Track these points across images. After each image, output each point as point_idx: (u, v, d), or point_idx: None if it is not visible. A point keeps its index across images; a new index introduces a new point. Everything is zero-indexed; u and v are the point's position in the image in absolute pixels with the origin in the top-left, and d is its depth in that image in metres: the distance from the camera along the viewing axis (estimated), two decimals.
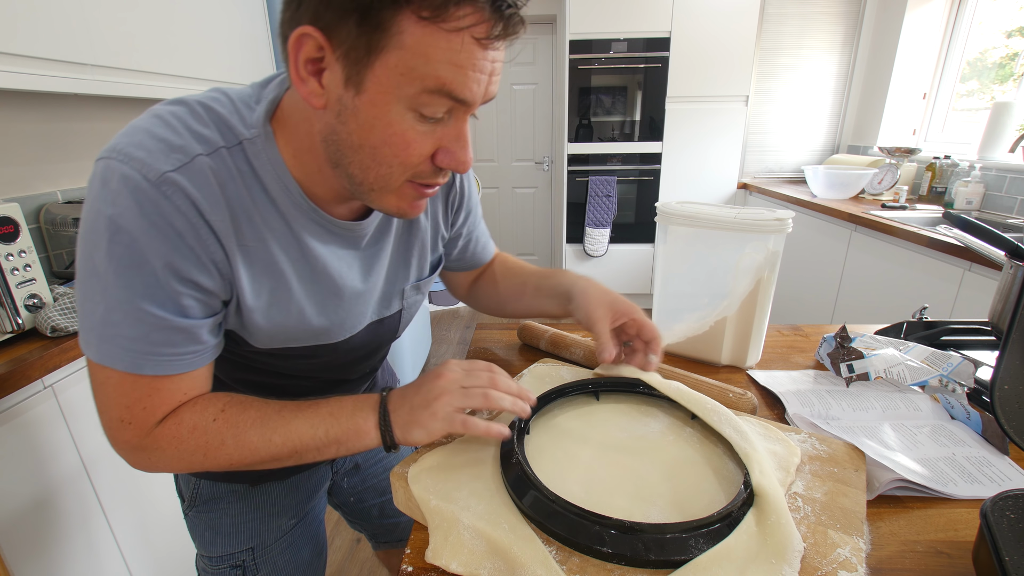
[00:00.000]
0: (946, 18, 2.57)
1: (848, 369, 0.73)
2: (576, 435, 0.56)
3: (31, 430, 0.93)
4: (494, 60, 0.42)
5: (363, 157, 0.44)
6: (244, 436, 0.48)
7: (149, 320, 0.44)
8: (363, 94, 0.41)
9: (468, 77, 0.41)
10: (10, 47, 1.01)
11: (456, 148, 0.46)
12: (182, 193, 0.42)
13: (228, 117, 0.46)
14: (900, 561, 0.44)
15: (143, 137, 0.43)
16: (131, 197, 0.41)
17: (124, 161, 0.41)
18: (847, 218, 2.11)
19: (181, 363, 0.47)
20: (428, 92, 0.41)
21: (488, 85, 0.43)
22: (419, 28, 0.38)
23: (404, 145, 0.43)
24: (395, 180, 0.46)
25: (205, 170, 0.44)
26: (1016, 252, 0.71)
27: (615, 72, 2.94)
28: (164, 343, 0.45)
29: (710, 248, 0.77)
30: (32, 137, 1.33)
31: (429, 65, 0.39)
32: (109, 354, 0.44)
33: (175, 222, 0.42)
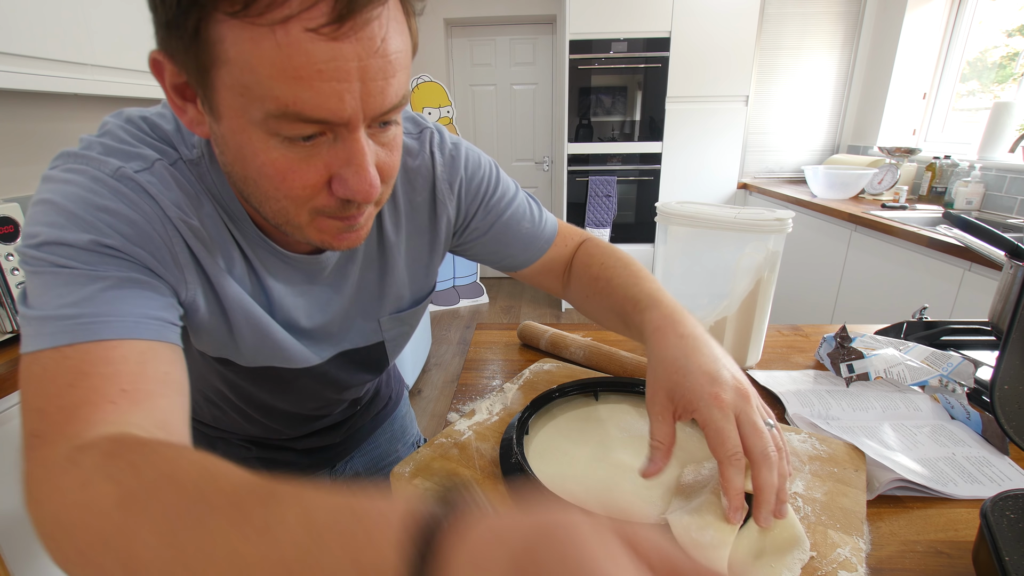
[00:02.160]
0: (946, 18, 2.57)
1: (848, 369, 0.73)
2: (576, 435, 0.56)
3: None
4: (360, 58, 0.31)
5: (253, 190, 0.37)
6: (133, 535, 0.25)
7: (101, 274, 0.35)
8: (222, 121, 0.34)
9: (315, 89, 0.30)
10: (10, 47, 1.01)
11: (348, 174, 0.35)
12: (143, 190, 0.37)
13: (172, 136, 0.42)
14: (900, 561, 0.44)
15: (97, 144, 0.39)
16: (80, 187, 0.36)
17: (78, 161, 0.37)
18: (847, 218, 2.11)
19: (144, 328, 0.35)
20: (274, 116, 0.32)
21: (365, 93, 0.32)
22: (234, 31, 0.29)
23: (280, 177, 0.35)
24: (296, 215, 0.38)
25: (165, 174, 0.39)
26: (1016, 252, 0.71)
27: (615, 72, 2.94)
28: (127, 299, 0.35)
29: (710, 248, 0.77)
30: (32, 137, 1.33)
31: (260, 83, 0.30)
32: (47, 331, 0.33)
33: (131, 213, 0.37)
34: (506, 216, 0.60)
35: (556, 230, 0.65)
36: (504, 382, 0.71)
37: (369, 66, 0.32)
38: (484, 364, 0.82)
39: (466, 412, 0.62)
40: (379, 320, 0.58)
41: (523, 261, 0.64)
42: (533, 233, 0.62)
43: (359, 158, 0.35)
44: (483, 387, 0.74)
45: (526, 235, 0.62)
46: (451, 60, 3.63)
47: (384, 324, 0.59)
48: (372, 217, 0.43)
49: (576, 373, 0.71)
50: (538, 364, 0.74)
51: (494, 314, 3.52)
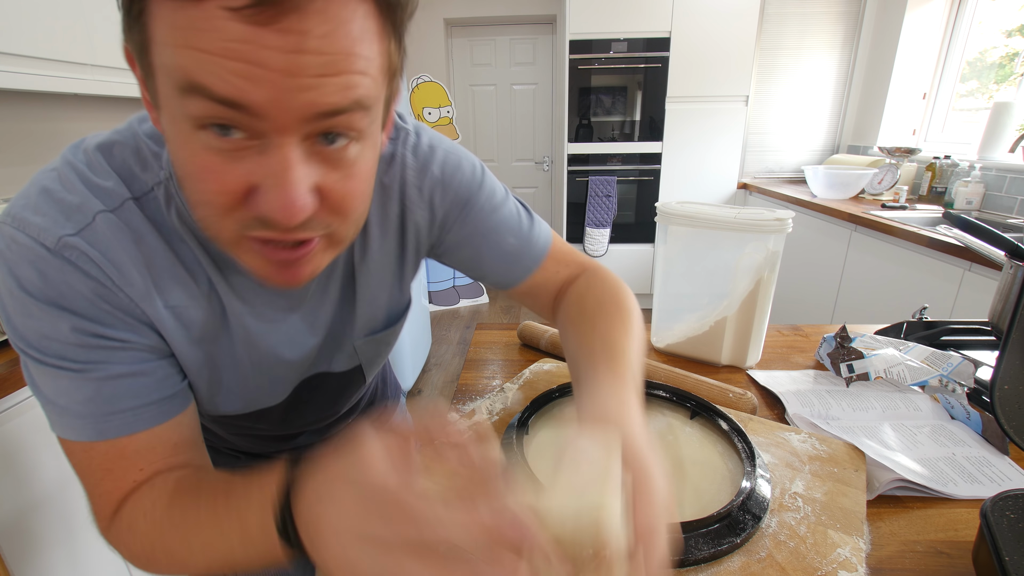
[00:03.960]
0: (946, 18, 2.57)
1: (848, 369, 0.73)
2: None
3: (32, 430, 0.93)
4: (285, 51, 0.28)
5: (187, 192, 0.35)
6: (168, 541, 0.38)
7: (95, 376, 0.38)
8: (163, 111, 0.32)
9: (222, 66, 0.28)
10: (10, 47, 1.01)
11: (268, 187, 0.31)
12: (86, 258, 0.37)
13: (130, 161, 0.40)
14: (900, 561, 0.44)
15: (38, 198, 0.37)
16: (31, 267, 0.36)
17: (18, 227, 0.36)
18: (847, 218, 2.11)
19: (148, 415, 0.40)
20: (181, 91, 0.29)
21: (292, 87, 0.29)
22: (162, 8, 0.28)
23: (199, 175, 0.32)
24: (220, 228, 0.34)
25: (109, 230, 0.38)
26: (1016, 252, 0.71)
27: (615, 72, 2.94)
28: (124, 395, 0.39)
29: (710, 248, 0.77)
30: (32, 137, 1.33)
31: (171, 55, 0.29)
32: (71, 426, 0.39)
33: (84, 289, 0.37)
34: (487, 227, 0.54)
35: (548, 250, 0.57)
36: (504, 382, 0.71)
37: (299, 62, 0.28)
38: (484, 364, 0.82)
39: (466, 412, 0.62)
40: (354, 345, 0.55)
41: (506, 281, 0.57)
42: (519, 250, 0.56)
43: (282, 168, 0.31)
44: (483, 387, 0.74)
45: (510, 252, 0.55)
46: (451, 60, 3.63)
47: (359, 348, 0.55)
48: (321, 255, 0.38)
49: None
50: (538, 364, 0.74)
51: (494, 314, 3.52)
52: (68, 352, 0.38)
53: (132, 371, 0.40)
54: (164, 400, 0.42)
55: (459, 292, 3.62)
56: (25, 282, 0.36)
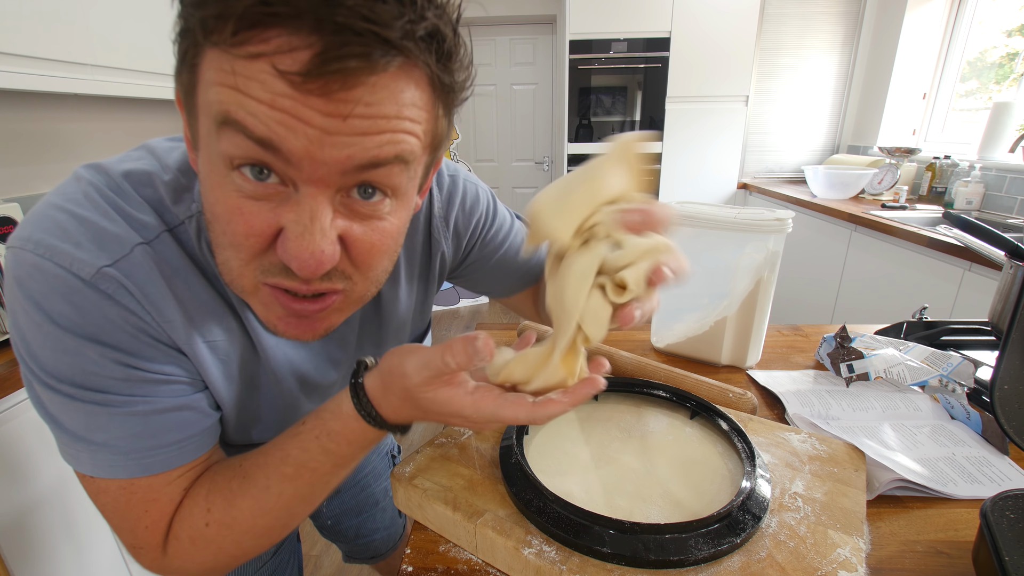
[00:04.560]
0: (946, 18, 2.56)
1: (848, 369, 0.73)
2: (576, 435, 0.56)
3: (31, 430, 0.93)
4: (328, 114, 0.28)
5: (213, 233, 0.35)
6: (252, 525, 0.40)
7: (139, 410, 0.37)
8: (201, 152, 0.33)
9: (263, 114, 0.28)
10: (10, 47, 1.01)
11: (295, 234, 0.31)
12: (124, 290, 0.35)
13: (162, 191, 0.39)
14: (900, 561, 0.44)
15: (66, 223, 0.35)
16: (64, 301, 0.34)
17: (46, 256, 0.33)
18: (847, 218, 2.11)
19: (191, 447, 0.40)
20: (219, 125, 0.30)
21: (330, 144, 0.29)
22: (213, 57, 0.29)
23: (230, 216, 0.32)
24: (240, 273, 0.34)
25: (147, 262, 0.36)
26: (1016, 252, 0.71)
27: (615, 72, 2.94)
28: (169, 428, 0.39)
29: (710, 248, 0.77)
30: (32, 137, 1.33)
31: (213, 90, 0.29)
32: (109, 463, 0.37)
33: (124, 323, 0.35)
34: (501, 252, 0.59)
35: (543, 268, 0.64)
36: None
37: (341, 125, 0.29)
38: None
39: None
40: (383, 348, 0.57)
41: (510, 291, 0.65)
42: (523, 271, 0.62)
43: (309, 217, 0.31)
44: None
45: (519, 269, 0.62)
46: None
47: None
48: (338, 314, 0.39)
49: None
50: None
51: (494, 314, 3.52)
52: (111, 386, 0.36)
53: (178, 404, 0.39)
54: (207, 431, 0.42)
55: (459, 292, 3.63)
56: (58, 316, 0.34)
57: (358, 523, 0.86)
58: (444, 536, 0.47)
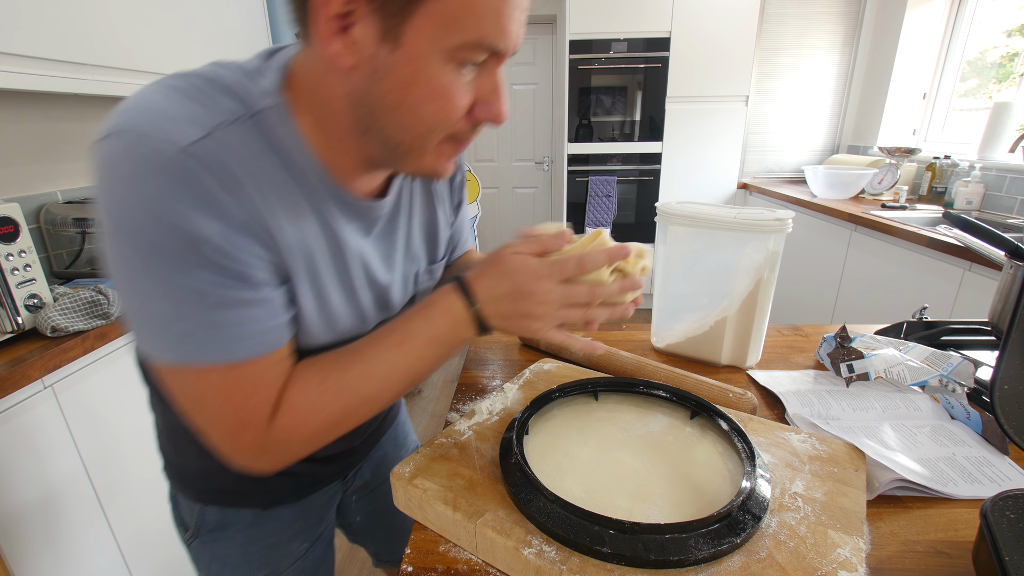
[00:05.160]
0: (946, 18, 2.56)
1: (848, 369, 0.73)
2: (576, 435, 0.56)
3: (31, 430, 0.93)
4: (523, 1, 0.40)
5: (401, 117, 0.41)
6: (362, 392, 0.46)
7: (227, 299, 0.39)
8: (401, 48, 0.38)
9: (506, 26, 0.39)
10: (10, 47, 1.01)
11: (493, 100, 0.43)
12: (207, 169, 0.37)
13: (237, 87, 0.41)
14: (900, 561, 0.44)
15: (149, 111, 0.37)
16: (160, 175, 0.36)
17: (136, 141, 0.36)
18: (847, 218, 2.11)
19: (273, 335, 0.43)
20: (470, 45, 0.38)
21: (521, 31, 0.41)
22: None
23: (446, 100, 0.41)
24: (435, 138, 0.43)
25: (228, 142, 0.39)
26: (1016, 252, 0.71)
27: (615, 72, 2.94)
28: (249, 320, 0.41)
29: (710, 248, 0.77)
30: (32, 137, 1.33)
31: (474, 16, 0.37)
32: (198, 350, 0.39)
33: (216, 190, 0.38)
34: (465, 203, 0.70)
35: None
36: (504, 382, 0.71)
37: (523, 8, 0.40)
38: (484, 364, 0.82)
39: (466, 412, 0.62)
40: (418, 272, 0.61)
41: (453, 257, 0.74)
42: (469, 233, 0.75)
43: (501, 86, 0.43)
44: (483, 387, 0.74)
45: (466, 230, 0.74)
46: None
47: (420, 277, 0.62)
48: None
49: (576, 373, 0.71)
50: (538, 364, 0.74)
51: None
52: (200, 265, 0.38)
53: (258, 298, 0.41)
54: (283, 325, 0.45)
55: None
56: (153, 192, 0.35)
57: (389, 522, 0.85)
58: (444, 536, 0.47)
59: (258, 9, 1.87)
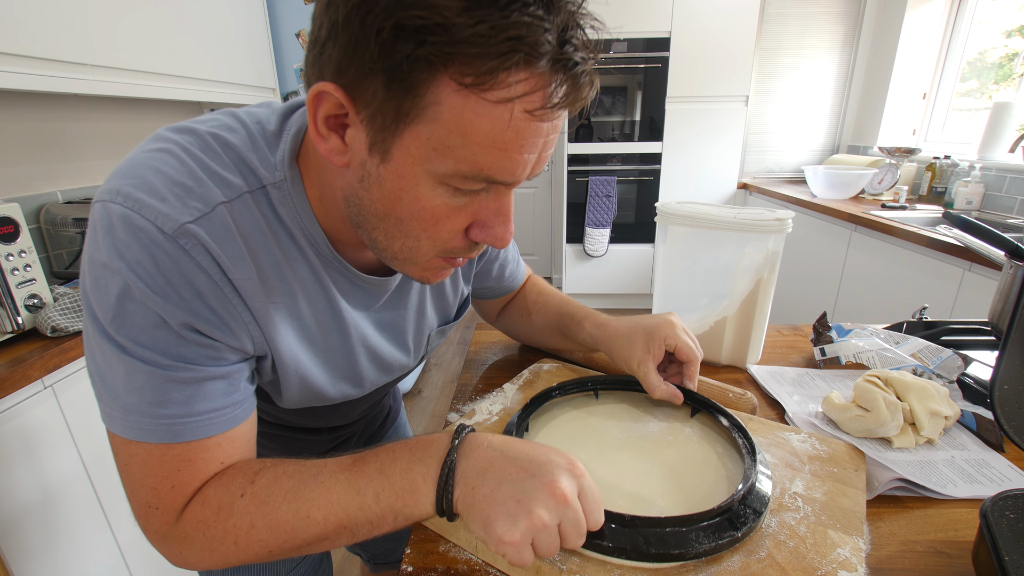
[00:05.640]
0: (946, 18, 2.56)
1: (821, 352, 0.77)
2: (576, 435, 0.56)
3: (31, 430, 0.93)
4: (549, 133, 0.35)
5: (389, 227, 0.39)
6: (276, 513, 0.39)
7: (178, 377, 0.38)
8: (389, 163, 0.35)
9: (512, 161, 0.34)
10: (10, 47, 1.01)
11: (495, 224, 0.39)
12: (203, 248, 0.37)
13: (247, 155, 0.40)
14: (900, 561, 0.44)
15: (153, 179, 0.37)
16: (145, 252, 0.35)
17: (134, 208, 0.35)
18: (847, 218, 2.11)
19: (222, 420, 0.40)
20: (462, 173, 0.35)
21: (541, 161, 0.37)
22: (458, 99, 0.32)
23: (433, 221, 0.38)
24: (423, 254, 0.40)
25: (227, 221, 0.38)
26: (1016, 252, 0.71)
27: (615, 72, 2.94)
28: (201, 398, 0.39)
29: (710, 248, 0.77)
30: (32, 137, 1.33)
31: (467, 147, 0.33)
32: (139, 426, 0.38)
33: (195, 281, 0.37)
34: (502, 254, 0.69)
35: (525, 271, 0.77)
36: (504, 382, 0.71)
37: (549, 141, 0.36)
38: (484, 364, 0.82)
39: (466, 412, 0.62)
40: (429, 335, 0.60)
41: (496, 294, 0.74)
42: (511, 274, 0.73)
43: (507, 209, 0.39)
44: (483, 387, 0.74)
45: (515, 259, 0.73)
46: None
47: (432, 339, 0.61)
48: None
49: (576, 373, 0.71)
50: (538, 364, 0.74)
51: None
52: (159, 345, 0.37)
53: (220, 373, 0.40)
54: (240, 404, 0.42)
55: None
56: (135, 265, 0.35)
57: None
58: (444, 536, 0.47)
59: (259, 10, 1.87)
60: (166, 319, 0.37)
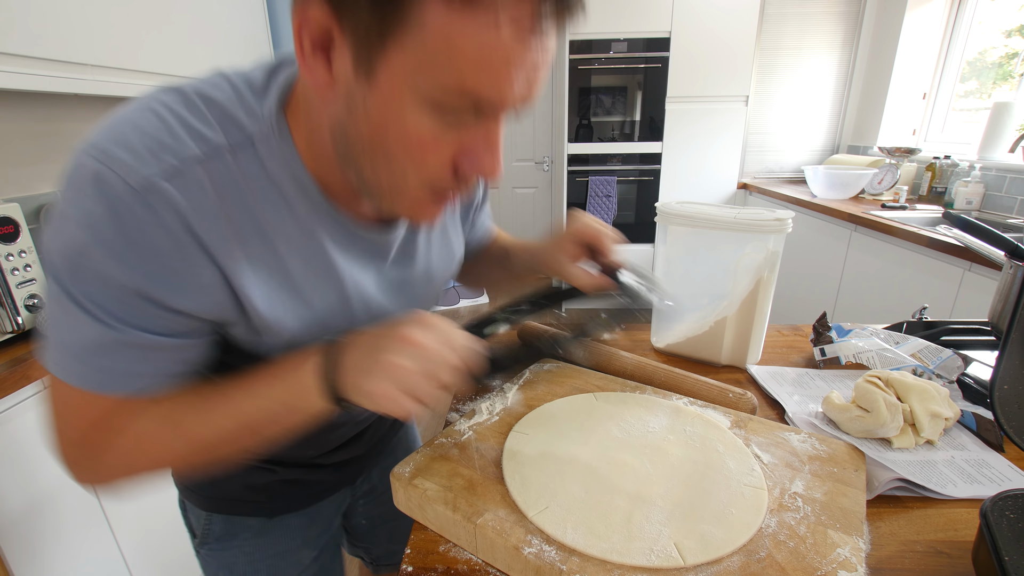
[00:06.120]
0: (946, 18, 2.56)
1: (821, 353, 0.76)
2: (576, 435, 0.56)
3: (31, 430, 0.93)
4: (541, 51, 0.34)
5: (374, 158, 0.38)
6: (190, 429, 0.42)
7: (126, 340, 0.38)
8: (374, 85, 0.34)
9: (501, 77, 0.33)
10: (10, 47, 1.01)
11: (483, 154, 0.38)
12: (169, 205, 0.36)
13: (232, 110, 0.40)
14: (900, 561, 0.44)
15: (129, 133, 0.36)
16: (108, 208, 0.34)
17: (103, 161, 0.35)
18: (847, 218, 2.11)
19: (162, 384, 0.42)
20: (448, 91, 0.34)
21: (531, 84, 0.35)
22: (444, 14, 0.31)
23: (419, 148, 0.37)
24: (409, 186, 0.39)
25: (200, 178, 0.37)
26: (1016, 252, 0.71)
27: (615, 72, 2.94)
28: (145, 362, 0.40)
29: (710, 248, 0.77)
30: (32, 137, 1.33)
31: (453, 62, 0.32)
32: (80, 375, 0.39)
33: (157, 240, 0.36)
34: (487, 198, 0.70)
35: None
36: (504, 382, 0.71)
37: (539, 60, 0.35)
38: None
39: (466, 412, 0.62)
40: (437, 295, 0.60)
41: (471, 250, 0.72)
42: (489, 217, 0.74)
43: (495, 140, 0.38)
44: (483, 387, 0.74)
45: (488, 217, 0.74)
46: None
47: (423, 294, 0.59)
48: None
49: (576, 373, 0.71)
50: (538, 364, 0.74)
51: None
52: (111, 305, 0.37)
53: (170, 345, 0.40)
54: (182, 374, 0.43)
55: (459, 292, 3.62)
56: (97, 219, 0.35)
57: (393, 525, 0.83)
58: (444, 536, 0.47)
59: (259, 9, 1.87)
60: (122, 282, 0.36)
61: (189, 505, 0.65)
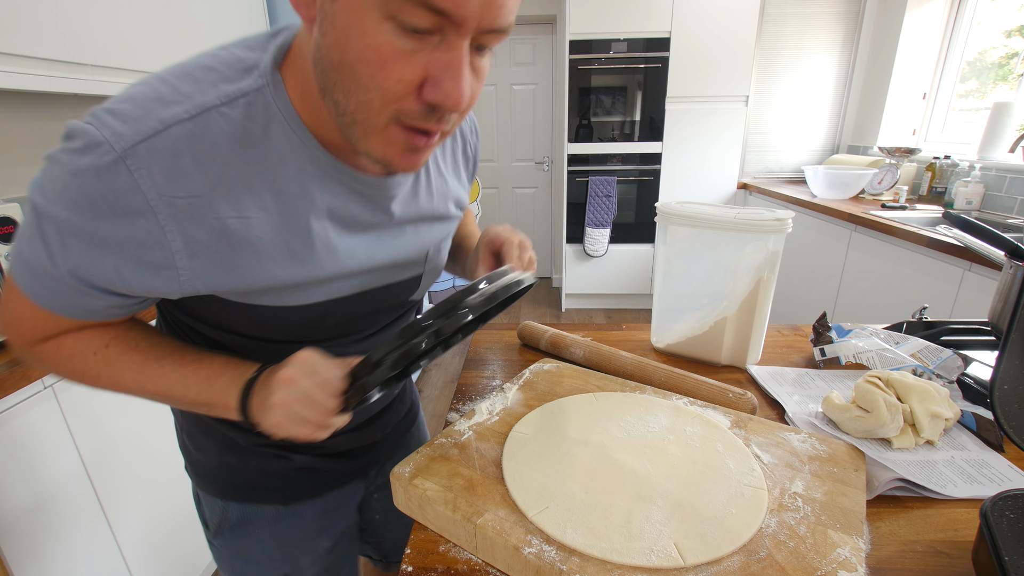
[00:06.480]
0: (946, 18, 2.57)
1: (821, 353, 0.76)
2: (576, 435, 0.56)
3: (31, 430, 0.93)
4: None
5: (343, 77, 0.37)
6: (119, 376, 0.48)
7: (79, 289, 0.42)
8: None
9: None
10: (10, 47, 1.01)
11: (445, 78, 0.36)
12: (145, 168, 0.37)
13: (227, 72, 0.41)
14: (900, 561, 0.44)
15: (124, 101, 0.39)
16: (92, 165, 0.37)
17: (94, 123, 0.37)
18: (847, 218, 2.11)
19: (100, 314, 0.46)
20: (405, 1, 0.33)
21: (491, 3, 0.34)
22: None
23: (380, 63, 0.35)
24: (376, 112, 0.38)
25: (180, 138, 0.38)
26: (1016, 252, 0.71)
27: (615, 72, 2.94)
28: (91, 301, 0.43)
29: (710, 248, 0.77)
30: (32, 137, 1.33)
31: None
32: (30, 288, 0.43)
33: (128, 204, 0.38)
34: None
35: None
36: (504, 382, 0.71)
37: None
38: (484, 364, 0.82)
39: (466, 412, 0.62)
40: (428, 252, 0.59)
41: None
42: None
43: (458, 64, 0.36)
44: (483, 387, 0.74)
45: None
46: None
47: (430, 255, 0.59)
48: (434, 146, 0.43)
49: (576, 373, 0.71)
50: (538, 364, 0.74)
51: None
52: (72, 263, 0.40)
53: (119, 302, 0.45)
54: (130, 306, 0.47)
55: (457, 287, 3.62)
56: (80, 173, 0.37)
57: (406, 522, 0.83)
58: (444, 536, 0.47)
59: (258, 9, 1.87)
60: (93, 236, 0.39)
61: (203, 496, 0.66)
